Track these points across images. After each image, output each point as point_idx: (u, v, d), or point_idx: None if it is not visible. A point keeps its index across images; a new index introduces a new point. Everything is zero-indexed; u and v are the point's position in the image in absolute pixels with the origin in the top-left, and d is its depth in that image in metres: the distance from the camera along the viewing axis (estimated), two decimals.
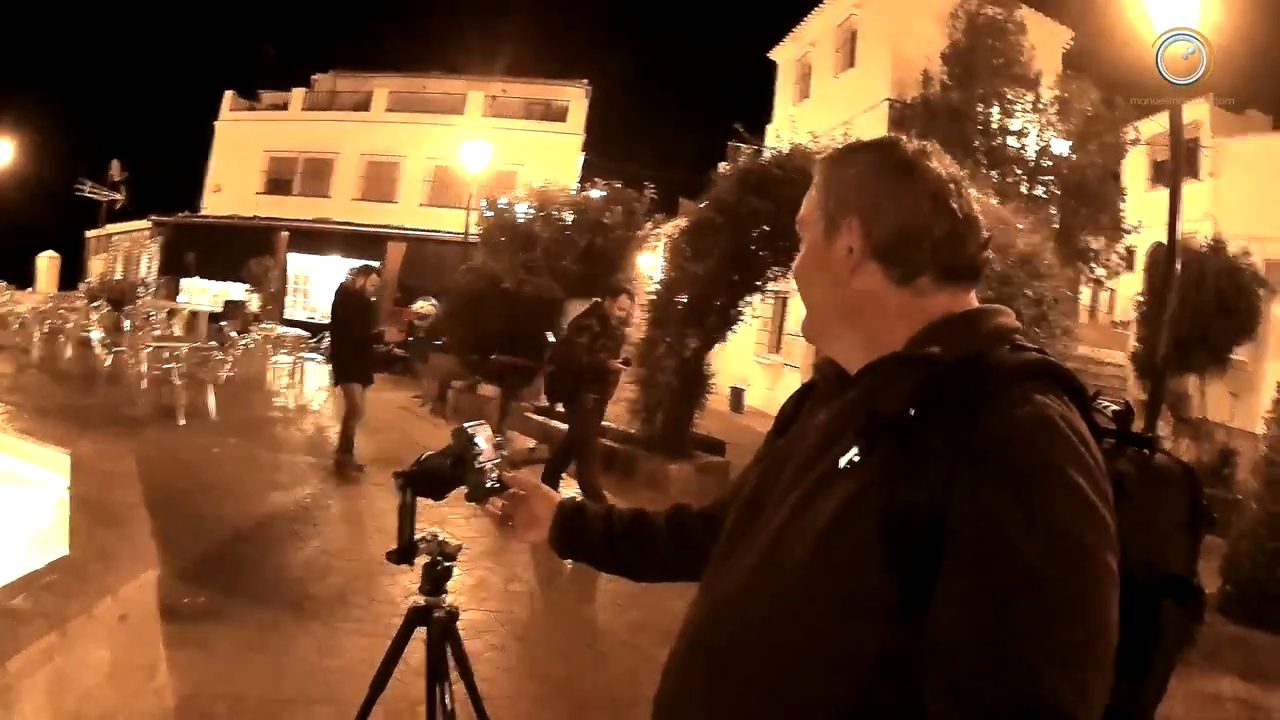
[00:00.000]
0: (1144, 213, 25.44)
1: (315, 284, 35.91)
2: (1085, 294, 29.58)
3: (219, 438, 12.24)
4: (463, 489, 2.29)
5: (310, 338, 20.16)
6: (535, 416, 15.43)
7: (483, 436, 2.34)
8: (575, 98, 40.38)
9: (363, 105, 40.33)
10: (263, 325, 22.64)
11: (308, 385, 18.93)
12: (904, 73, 25.01)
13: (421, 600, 3.01)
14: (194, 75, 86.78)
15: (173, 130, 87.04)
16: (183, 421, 12.93)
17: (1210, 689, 6.96)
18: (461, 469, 2.29)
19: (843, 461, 1.38)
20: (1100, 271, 25.10)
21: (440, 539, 2.94)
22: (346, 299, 11.23)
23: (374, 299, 11.78)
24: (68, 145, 43.58)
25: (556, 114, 39.51)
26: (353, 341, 11.12)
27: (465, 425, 2.38)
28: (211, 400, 13.89)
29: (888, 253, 1.52)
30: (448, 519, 8.10)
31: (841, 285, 1.56)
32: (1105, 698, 1.16)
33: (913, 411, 1.31)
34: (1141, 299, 19.86)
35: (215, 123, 41.31)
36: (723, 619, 1.50)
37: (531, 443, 14.20)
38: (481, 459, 2.28)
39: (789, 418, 1.77)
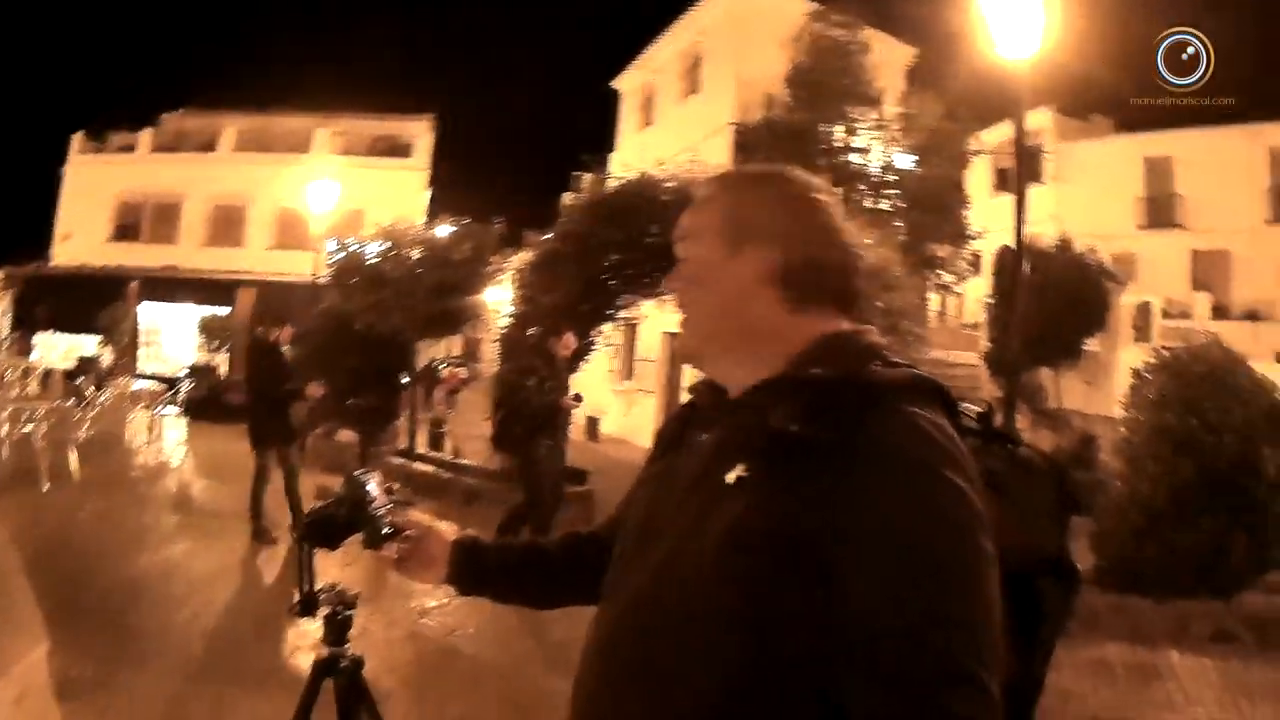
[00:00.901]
0: (989, 219, 26.16)
1: (167, 335, 34.84)
2: (934, 300, 30.22)
3: (85, 500, 11.90)
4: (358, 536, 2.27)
5: (167, 390, 19.65)
6: (396, 460, 15.18)
7: (374, 483, 2.33)
8: (421, 132, 40.14)
9: (209, 145, 39.32)
10: (118, 380, 22.05)
11: (167, 440, 18.61)
12: (748, 96, 25.47)
13: (326, 651, 2.95)
14: (41, 118, 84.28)
15: (20, 177, 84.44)
16: (47, 486, 12.45)
17: (1096, 656, 7.41)
18: (356, 517, 2.26)
19: (730, 478, 1.41)
20: (948, 278, 25.78)
21: (339, 589, 2.88)
22: (260, 353, 10.79)
23: (285, 350, 11.25)
24: None
25: (402, 149, 39.27)
26: (269, 398, 10.55)
27: (356, 473, 2.38)
28: (74, 461, 13.45)
29: (793, 280, 1.58)
30: (323, 569, 8.13)
31: (736, 308, 1.60)
32: (1002, 662, 1.24)
33: (800, 428, 1.36)
34: (990, 301, 20.40)
35: (63, 168, 39.74)
36: (624, 633, 1.53)
37: (395, 486, 13.96)
38: (375, 505, 2.27)
39: (671, 437, 1.79)
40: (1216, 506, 8.11)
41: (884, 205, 23.45)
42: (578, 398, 10.57)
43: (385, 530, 2.24)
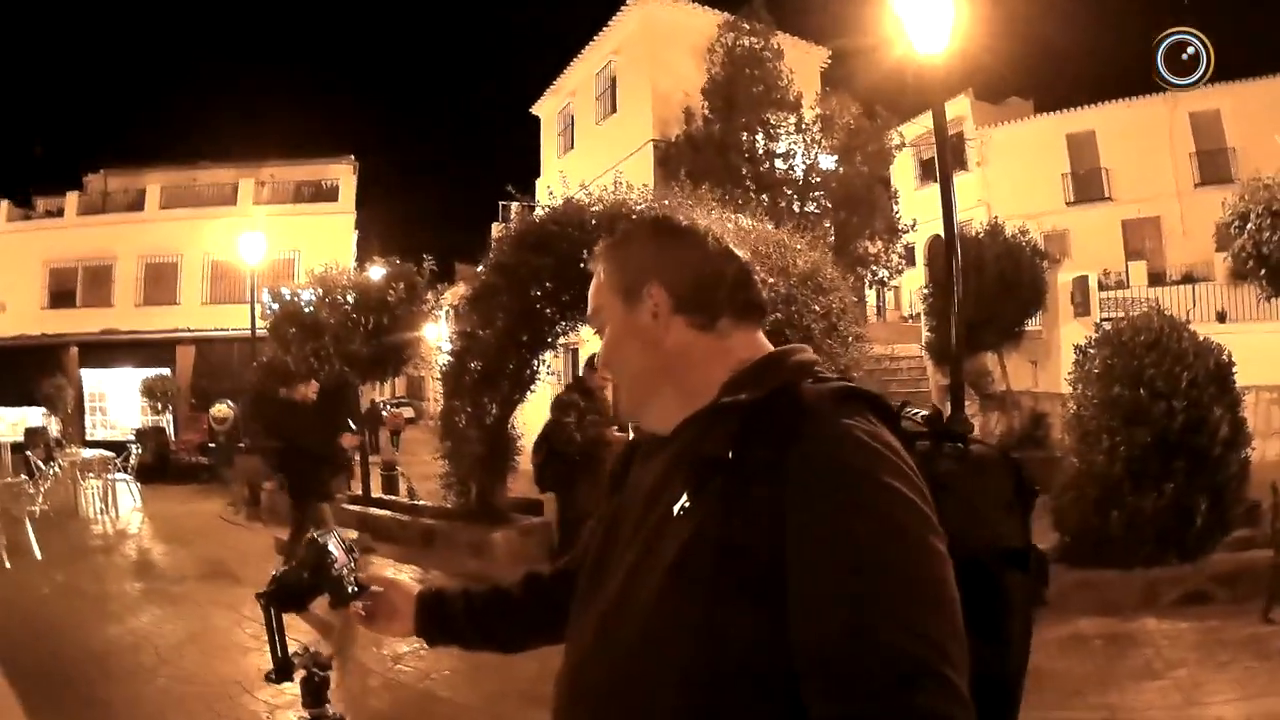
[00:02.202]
0: (917, 210, 26.50)
1: (112, 400, 34.56)
2: (871, 296, 30.45)
3: (46, 576, 11.78)
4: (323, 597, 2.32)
5: (115, 457, 19.40)
6: (352, 507, 15.01)
7: (333, 543, 2.35)
8: (344, 174, 39.72)
9: (136, 204, 38.61)
10: (68, 450, 21.77)
11: (122, 507, 18.24)
12: (666, 111, 25.64)
13: (307, 715, 2.82)
14: None
15: None
16: (7, 564, 12.31)
17: (1069, 632, 7.39)
18: (319, 578, 2.30)
19: (675, 508, 1.43)
20: (882, 273, 25.98)
21: (312, 651, 2.85)
22: (290, 413, 10.64)
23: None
24: None
25: (327, 194, 38.88)
26: (312, 455, 10.24)
27: (314, 535, 2.39)
28: (32, 537, 13.22)
29: (689, 303, 1.64)
30: (290, 624, 8.03)
31: (655, 346, 1.66)
32: (965, 656, 1.24)
33: (734, 452, 1.39)
34: (926, 291, 20.54)
35: None
36: (588, 671, 1.56)
37: (354, 534, 13.82)
38: (337, 565, 2.30)
39: (620, 475, 1.82)
40: (1174, 471, 8.17)
41: (811, 208, 23.62)
42: (623, 428, 10.15)
43: (350, 589, 2.28)
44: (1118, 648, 7.11)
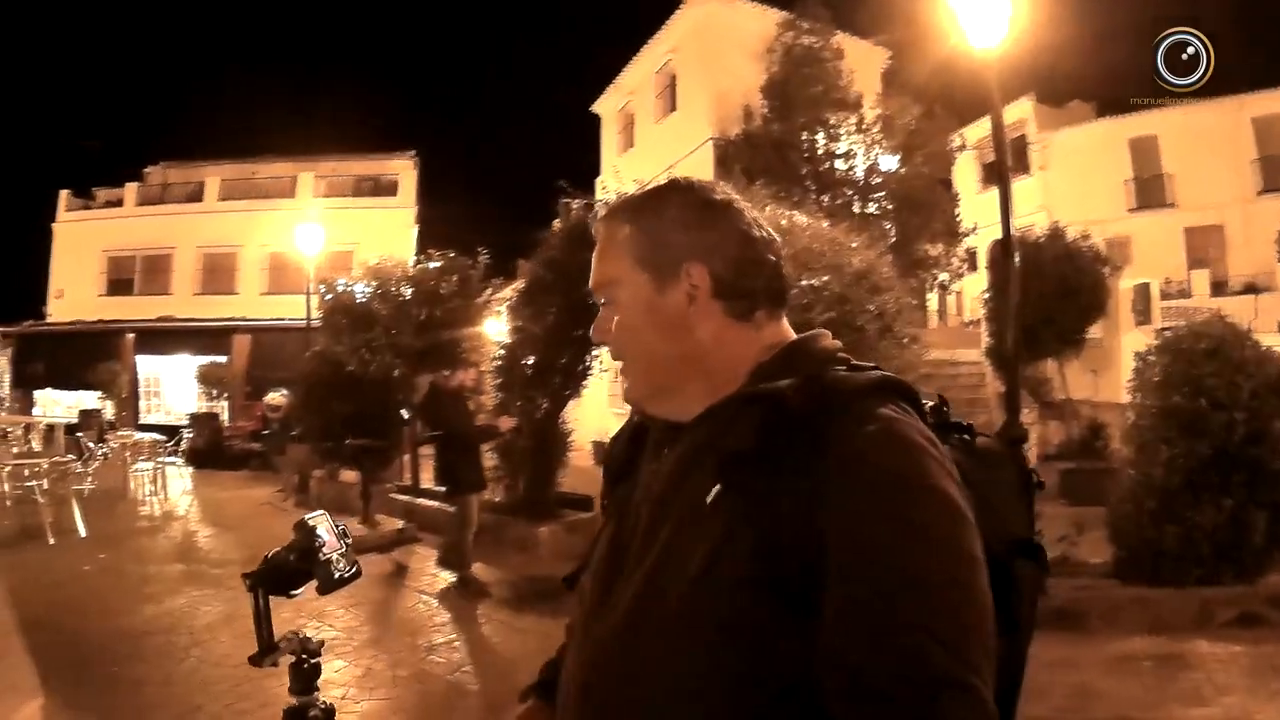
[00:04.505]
0: (979, 214, 26.15)
1: (167, 385, 35.21)
2: (933, 301, 30.20)
3: (89, 554, 11.93)
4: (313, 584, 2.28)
5: (167, 441, 19.58)
6: (400, 496, 15.15)
7: (324, 527, 2.31)
8: (404, 170, 40.24)
9: (195, 196, 39.48)
10: (120, 433, 22.01)
11: (171, 490, 18.65)
12: (726, 110, 25.45)
13: (295, 701, 2.77)
14: (26, 175, 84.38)
15: (10, 235, 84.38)
16: (52, 541, 12.55)
17: (1120, 650, 7.18)
18: (307, 563, 2.26)
19: (706, 501, 1.34)
20: (943, 276, 25.70)
21: (302, 636, 2.79)
22: (445, 401, 10.53)
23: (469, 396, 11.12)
24: None
25: (387, 188, 39.36)
26: (464, 444, 10.23)
27: (305, 517, 2.34)
28: (78, 515, 13.47)
29: (731, 289, 1.52)
30: (326, 611, 8.24)
31: (686, 332, 1.52)
32: (994, 668, 1.20)
33: (768, 444, 1.31)
34: (986, 296, 20.32)
35: (53, 225, 39.96)
36: (607, 664, 1.45)
37: (400, 524, 13.86)
38: (326, 550, 2.26)
39: (625, 463, 1.72)
40: (1232, 485, 7.95)
41: (871, 209, 23.43)
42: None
43: (339, 575, 2.24)
44: (1168, 670, 6.84)
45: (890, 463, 1.26)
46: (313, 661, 2.83)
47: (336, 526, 2.36)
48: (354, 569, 2.27)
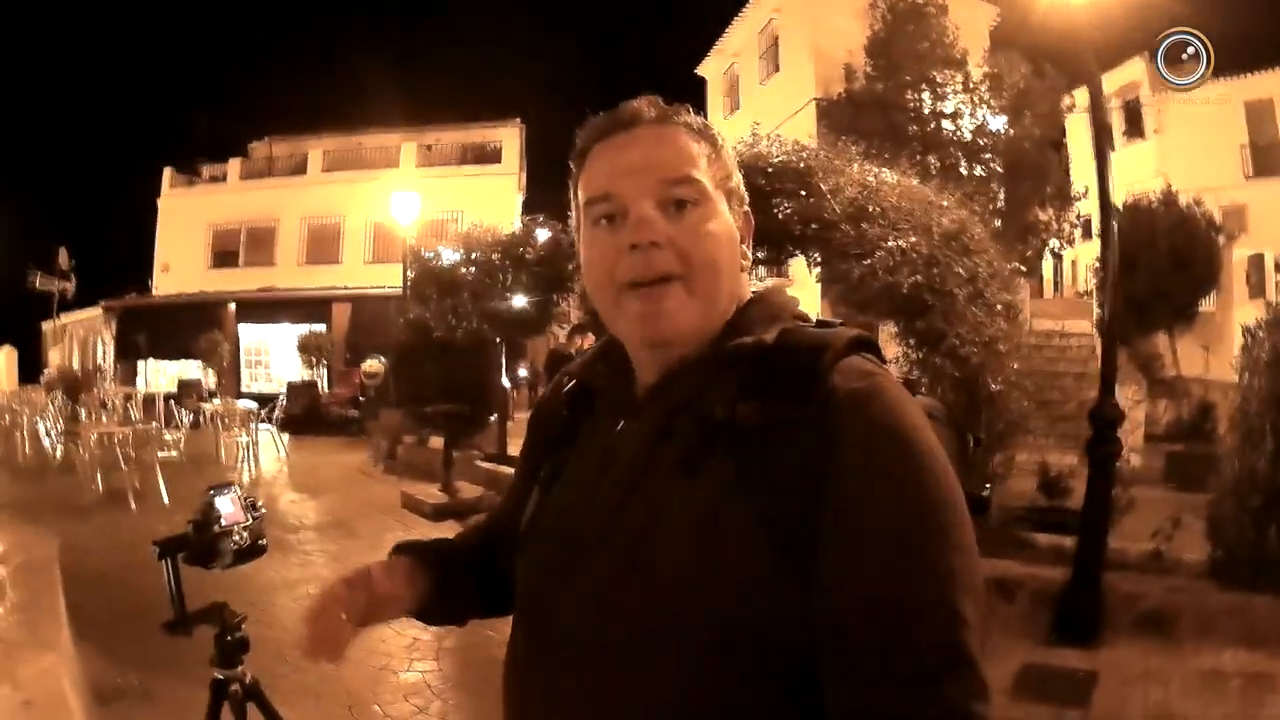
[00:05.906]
0: (1093, 178, 25.33)
1: (272, 354, 35.96)
2: (1048, 269, 29.53)
3: (167, 519, 11.81)
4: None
5: (260, 409, 19.75)
6: (484, 464, 15.06)
7: (228, 498, 2.31)
8: (508, 137, 40.16)
9: (299, 169, 40.11)
10: (214, 401, 22.32)
11: (265, 458, 19.04)
12: (829, 69, 25.16)
13: (218, 674, 2.86)
14: (132, 152, 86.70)
15: (116, 210, 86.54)
16: (134, 505, 12.84)
17: (1208, 665, 6.48)
18: (206, 534, 2.30)
19: (694, 461, 1.29)
20: (1053, 243, 24.97)
21: (225, 608, 2.76)
22: (558, 364, 10.51)
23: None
24: (11, 238, 43.06)
25: (491, 156, 39.30)
26: None
27: (210, 488, 2.34)
28: (161, 481, 13.69)
29: (747, 239, 1.50)
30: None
31: (733, 271, 1.44)
32: (985, 615, 1.17)
33: (752, 402, 1.27)
34: (1097, 265, 19.68)
35: (158, 200, 40.99)
36: (578, 659, 1.34)
37: (479, 491, 13.71)
38: (225, 521, 2.28)
39: (564, 430, 1.58)
40: None
41: (979, 170, 22.84)
42: None
43: (237, 546, 2.27)
44: (1257, 691, 6.06)
45: (886, 420, 1.22)
46: (237, 636, 2.77)
47: (244, 499, 2.31)
48: (258, 542, 2.08)
